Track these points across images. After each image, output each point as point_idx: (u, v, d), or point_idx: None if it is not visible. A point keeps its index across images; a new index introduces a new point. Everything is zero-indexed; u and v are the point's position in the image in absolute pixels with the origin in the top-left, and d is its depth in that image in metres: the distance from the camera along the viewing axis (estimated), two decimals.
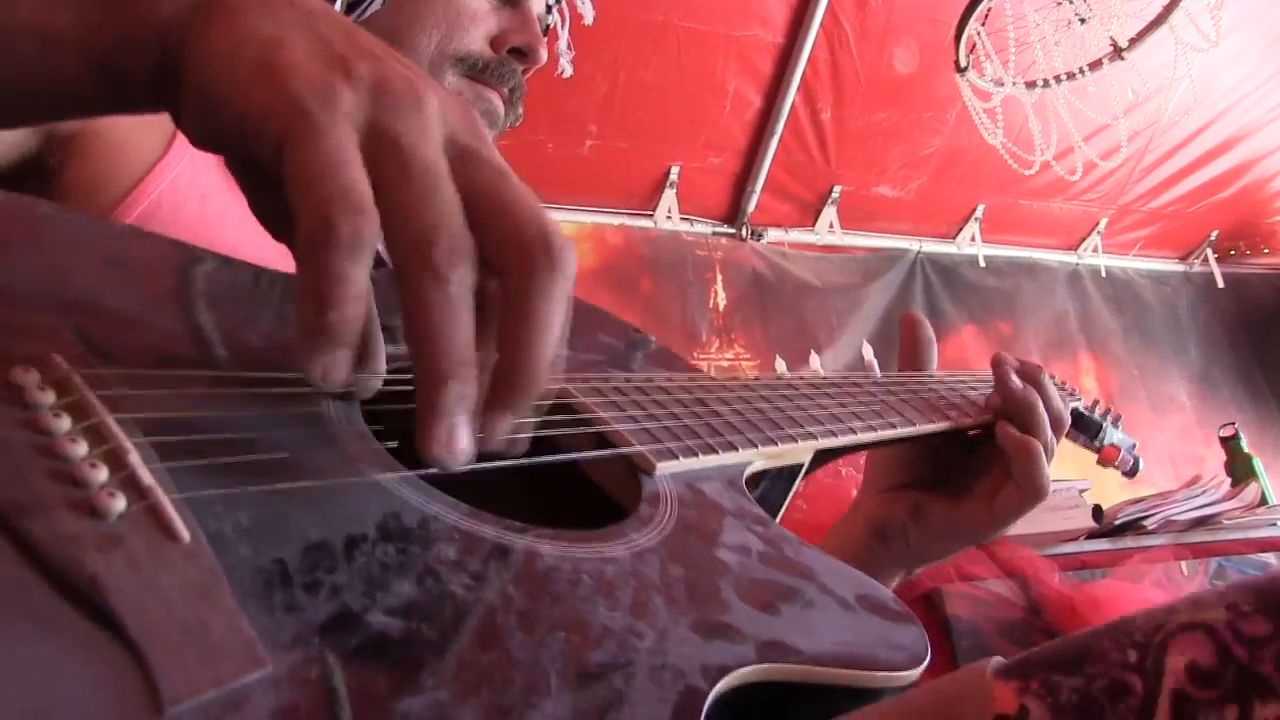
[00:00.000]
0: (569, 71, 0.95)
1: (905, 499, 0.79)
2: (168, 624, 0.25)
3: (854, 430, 0.64)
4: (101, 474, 0.29)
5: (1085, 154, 2.98)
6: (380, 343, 0.39)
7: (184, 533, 0.28)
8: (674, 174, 3.48)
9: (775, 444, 0.57)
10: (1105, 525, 2.09)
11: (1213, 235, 4.51)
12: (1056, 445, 0.77)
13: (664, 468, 0.49)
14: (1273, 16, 3.34)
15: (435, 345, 0.34)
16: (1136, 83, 2.69)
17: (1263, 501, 2.29)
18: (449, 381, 0.33)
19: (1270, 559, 2.09)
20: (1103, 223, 4.25)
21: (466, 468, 0.36)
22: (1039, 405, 0.75)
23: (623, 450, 0.49)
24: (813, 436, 0.60)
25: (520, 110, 0.81)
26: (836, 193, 3.69)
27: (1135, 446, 0.99)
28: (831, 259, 3.82)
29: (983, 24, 2.58)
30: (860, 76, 3.32)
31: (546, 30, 0.83)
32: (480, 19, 0.76)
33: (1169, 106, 3.02)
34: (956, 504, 0.76)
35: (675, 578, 0.39)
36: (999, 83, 2.68)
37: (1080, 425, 0.95)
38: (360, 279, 0.33)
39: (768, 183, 3.56)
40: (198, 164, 0.67)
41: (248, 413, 0.37)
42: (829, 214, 3.73)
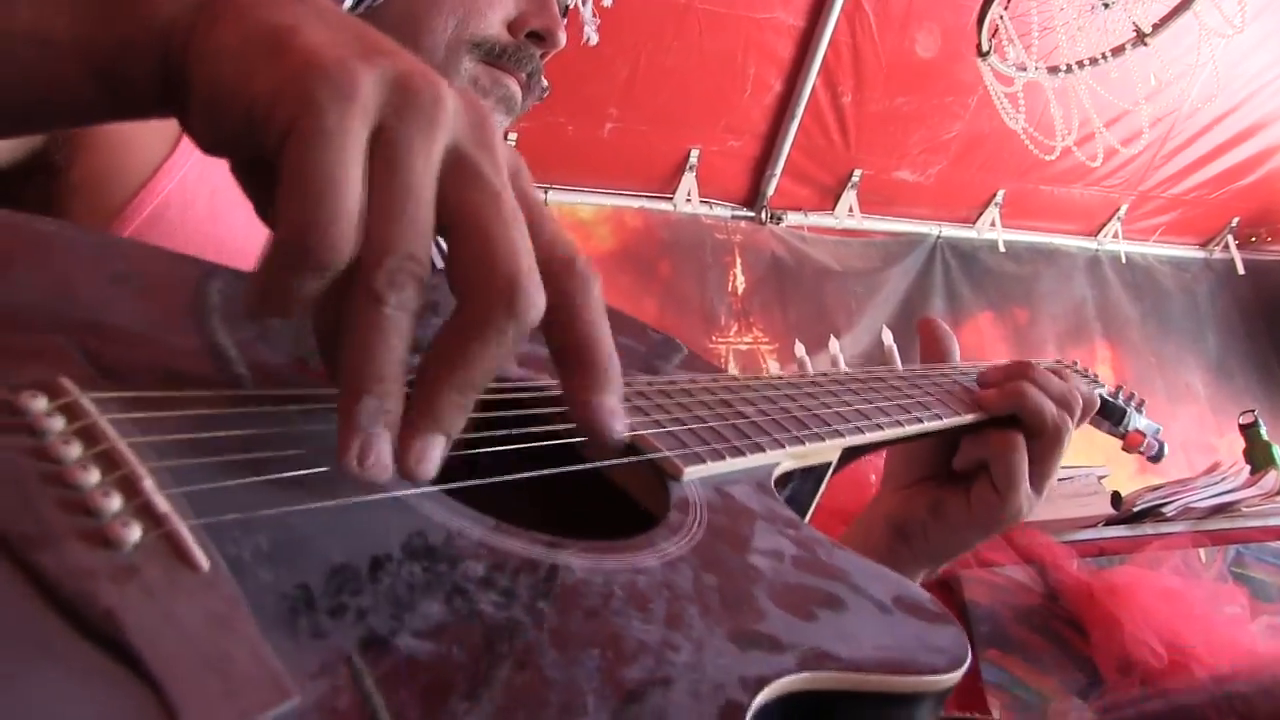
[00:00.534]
0: (594, 39, 0.94)
1: (925, 495, 0.79)
2: (189, 657, 0.25)
3: (881, 426, 0.63)
4: (115, 502, 0.28)
5: (1106, 140, 2.98)
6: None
7: (203, 560, 0.27)
8: (694, 157, 3.48)
9: (803, 444, 0.56)
10: (1124, 512, 2.09)
11: (1234, 222, 4.50)
12: (1074, 428, 0.77)
13: (691, 472, 0.47)
14: None
15: (356, 360, 0.33)
16: (1159, 68, 2.68)
17: None
18: (363, 395, 0.33)
19: None
20: (1123, 209, 4.24)
21: (491, 480, 0.35)
22: (1028, 389, 0.74)
23: (650, 456, 0.47)
24: (840, 435, 0.59)
25: (546, 85, 0.78)
26: (856, 177, 3.69)
27: (1159, 431, 0.99)
28: (851, 243, 3.83)
29: (1006, 8, 2.58)
30: (881, 60, 3.31)
31: (565, 12, 0.80)
32: (498, 3, 0.74)
33: (1192, 92, 3.02)
34: (971, 495, 0.77)
35: (709, 587, 0.38)
36: (1021, 67, 2.67)
37: (1105, 411, 0.95)
38: (309, 293, 0.33)
39: (787, 166, 3.56)
40: (206, 160, 0.67)
41: (262, 431, 0.36)
42: (849, 198, 3.73)
